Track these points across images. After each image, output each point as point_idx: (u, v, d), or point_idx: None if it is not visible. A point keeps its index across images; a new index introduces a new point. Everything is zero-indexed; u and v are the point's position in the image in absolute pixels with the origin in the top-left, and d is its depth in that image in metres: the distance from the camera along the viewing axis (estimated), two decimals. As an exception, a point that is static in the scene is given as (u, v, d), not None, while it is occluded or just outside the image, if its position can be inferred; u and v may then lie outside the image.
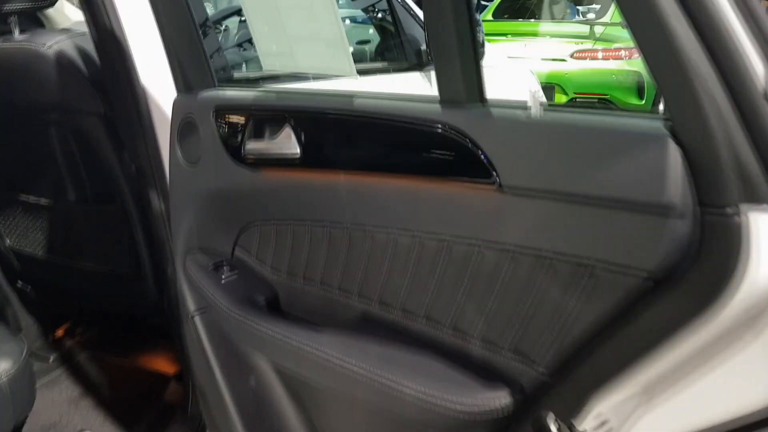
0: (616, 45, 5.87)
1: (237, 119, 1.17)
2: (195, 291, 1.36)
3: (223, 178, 1.23)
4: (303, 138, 1.07)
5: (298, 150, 1.07)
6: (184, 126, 1.28)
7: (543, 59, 6.01)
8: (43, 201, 1.91)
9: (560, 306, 0.83)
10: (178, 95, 1.32)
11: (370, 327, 1.07)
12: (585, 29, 6.33)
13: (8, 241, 2.08)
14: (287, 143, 1.08)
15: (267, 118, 1.13)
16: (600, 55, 5.96)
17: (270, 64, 1.16)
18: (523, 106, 0.84)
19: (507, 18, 6.94)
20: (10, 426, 1.45)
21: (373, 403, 1.03)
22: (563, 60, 6.01)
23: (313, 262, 1.16)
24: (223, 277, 1.29)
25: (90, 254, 1.94)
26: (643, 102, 5.74)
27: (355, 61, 2.29)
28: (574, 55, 6.00)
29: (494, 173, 0.85)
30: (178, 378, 2.03)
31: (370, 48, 2.87)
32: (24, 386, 1.48)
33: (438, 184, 0.93)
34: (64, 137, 1.73)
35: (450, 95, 0.91)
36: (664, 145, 0.69)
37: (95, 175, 1.77)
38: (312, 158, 1.07)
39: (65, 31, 1.68)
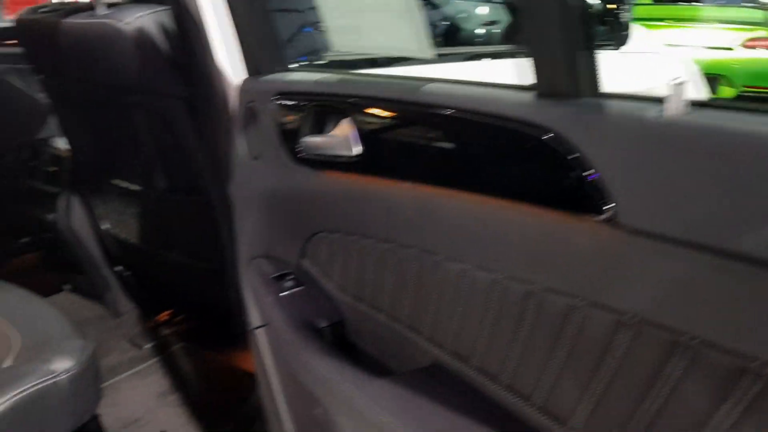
0: (797, 33, 5.18)
1: (296, 108, 0.97)
2: (256, 303, 1.19)
3: (283, 178, 1.04)
4: (364, 134, 0.85)
5: (357, 149, 0.85)
6: (246, 114, 1.11)
7: (707, 47, 5.42)
8: (134, 187, 1.83)
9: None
10: (245, 79, 1.15)
11: (441, 381, 0.83)
12: (758, 15, 5.63)
13: (106, 225, 2.04)
14: (346, 140, 0.86)
15: (326, 107, 0.92)
16: (776, 44, 5.29)
17: (338, 42, 0.94)
18: (657, 100, 0.56)
19: (667, 2, 6.33)
20: (71, 425, 1.36)
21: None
22: (730, 49, 5.39)
23: (381, 287, 0.94)
24: (282, 290, 1.11)
25: (179, 246, 1.85)
26: (827, 97, 5.01)
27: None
28: (746, 43, 5.36)
29: (609, 203, 0.57)
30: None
31: (499, 30, 2.58)
32: (87, 386, 1.38)
33: (529, 210, 0.66)
34: (148, 122, 1.62)
35: (548, 84, 0.64)
36: None
37: (181, 164, 1.65)
38: (373, 161, 0.84)
39: (149, 5, 1.57)
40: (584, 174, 0.58)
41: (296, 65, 1.17)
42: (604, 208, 0.57)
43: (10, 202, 2.26)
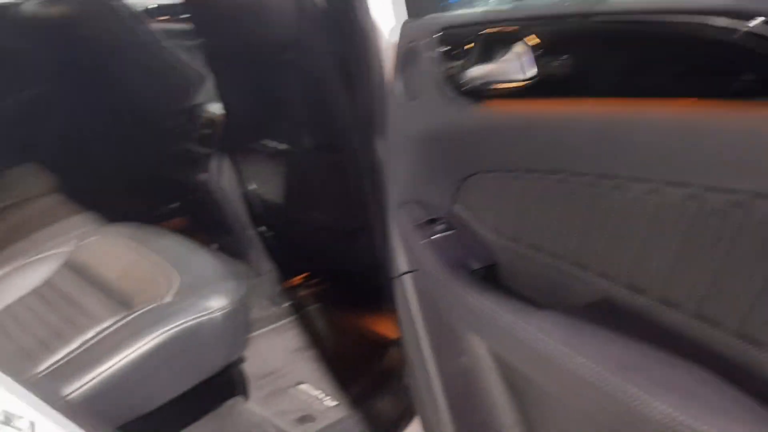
0: None
1: (459, 42, 0.96)
2: (405, 248, 1.20)
3: (441, 116, 1.03)
4: (535, 56, 0.82)
5: (527, 73, 0.83)
6: (405, 55, 1.11)
7: None
8: (281, 147, 1.90)
9: None
10: (404, 21, 1.15)
11: (611, 316, 0.80)
12: None
13: (253, 185, 2.13)
14: (515, 66, 0.84)
15: (492, 36, 0.90)
16: None
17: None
18: None
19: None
20: (220, 362, 1.43)
21: (605, 418, 0.75)
22: None
23: (542, 225, 0.92)
24: (433, 234, 1.11)
25: (320, 206, 1.90)
26: None
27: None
28: None
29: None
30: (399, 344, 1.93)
31: None
32: (238, 325, 1.45)
33: (729, 112, 0.62)
34: (299, 79, 1.67)
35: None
36: None
37: (328, 121, 1.69)
38: (547, 83, 0.82)
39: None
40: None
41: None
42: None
43: (166, 164, 2.41)
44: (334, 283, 2.28)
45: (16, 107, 2.63)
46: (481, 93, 0.93)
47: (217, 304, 1.41)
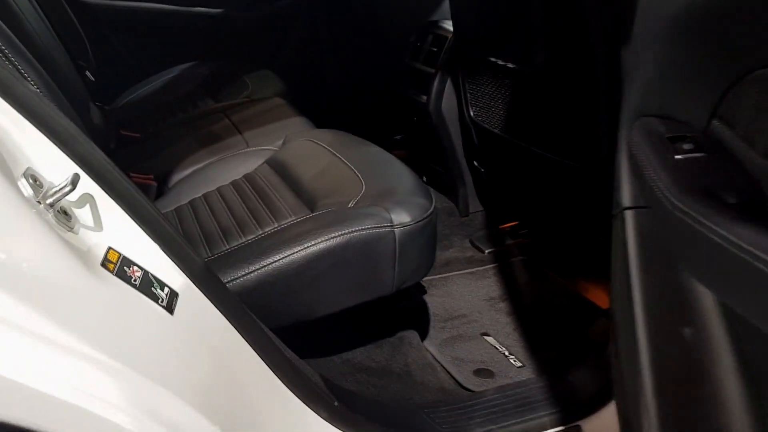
0: None
1: None
2: (633, 175, 0.91)
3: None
4: None
5: None
6: None
7: None
8: (509, 66, 1.65)
9: None
10: None
11: None
12: None
13: (473, 111, 1.91)
14: None
15: None
16: None
17: None
18: None
19: None
20: (389, 280, 1.27)
21: None
22: None
23: None
24: (678, 154, 0.81)
25: (542, 136, 1.63)
26: None
27: None
28: None
29: None
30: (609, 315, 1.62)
31: None
32: (415, 246, 1.27)
33: None
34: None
35: None
36: None
37: (568, 31, 1.42)
38: None
39: None
40: None
41: None
42: None
43: (392, 81, 2.30)
44: (546, 236, 2.00)
45: (270, 16, 2.70)
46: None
47: (397, 218, 1.24)
